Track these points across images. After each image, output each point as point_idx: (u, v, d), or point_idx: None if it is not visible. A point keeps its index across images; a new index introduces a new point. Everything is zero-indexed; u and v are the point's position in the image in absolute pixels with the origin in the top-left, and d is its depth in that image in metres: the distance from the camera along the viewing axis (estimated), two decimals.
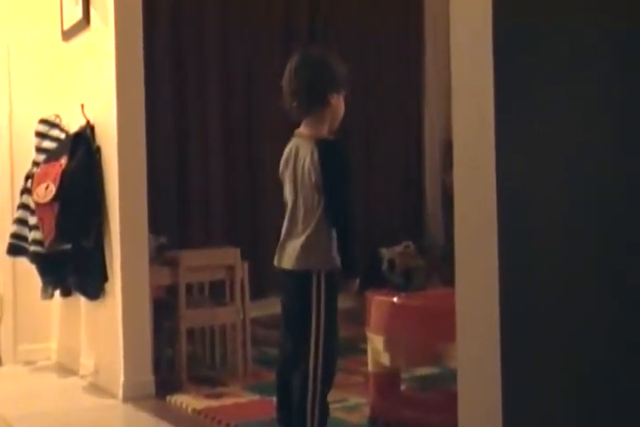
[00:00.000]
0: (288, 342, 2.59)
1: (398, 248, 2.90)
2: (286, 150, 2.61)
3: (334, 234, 2.47)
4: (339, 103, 2.51)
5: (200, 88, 5.36)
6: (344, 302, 5.64)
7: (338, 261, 2.49)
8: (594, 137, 1.79)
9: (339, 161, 2.46)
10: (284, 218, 2.59)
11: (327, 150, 2.44)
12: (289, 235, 2.54)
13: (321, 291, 2.45)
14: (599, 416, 1.77)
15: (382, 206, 6.06)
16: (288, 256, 2.52)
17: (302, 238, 2.47)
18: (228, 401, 3.48)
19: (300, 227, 2.49)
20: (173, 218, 5.12)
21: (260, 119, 5.42)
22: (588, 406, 1.75)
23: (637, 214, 1.83)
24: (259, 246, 5.17)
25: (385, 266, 2.92)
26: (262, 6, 5.57)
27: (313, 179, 2.45)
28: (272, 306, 5.11)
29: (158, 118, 5.04)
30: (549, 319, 1.69)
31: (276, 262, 2.59)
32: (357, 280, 2.59)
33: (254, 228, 5.40)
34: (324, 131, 2.52)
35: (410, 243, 3.00)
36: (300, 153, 2.51)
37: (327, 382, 2.51)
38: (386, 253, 2.83)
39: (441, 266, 3.23)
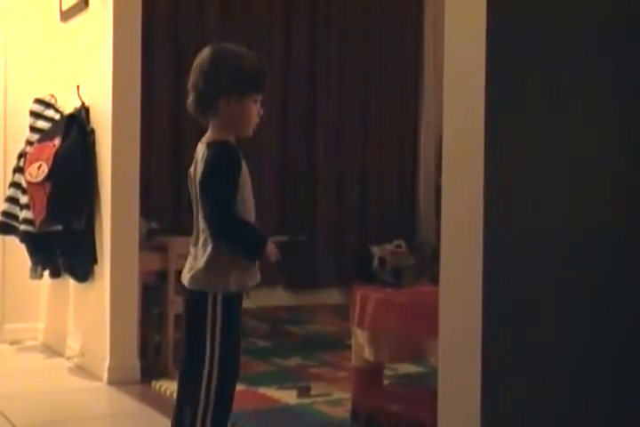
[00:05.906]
0: (185, 357, 2.29)
1: (389, 246, 2.90)
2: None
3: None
4: (236, 109, 2.17)
5: None
6: (332, 298, 5.68)
7: (244, 280, 2.19)
8: (587, 138, 1.79)
9: (216, 163, 2.13)
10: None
11: (212, 153, 2.14)
12: (192, 248, 2.24)
13: (217, 314, 2.14)
14: (579, 413, 1.79)
15: (376, 205, 6.04)
16: (185, 272, 2.24)
17: (200, 256, 2.17)
18: None
19: (200, 242, 2.18)
20: (165, 203, 5.10)
21: None
22: (568, 402, 1.77)
23: (629, 215, 1.84)
24: None
25: (375, 263, 2.92)
26: None
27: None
28: (262, 297, 5.13)
29: (154, 103, 5.02)
30: (532, 317, 1.70)
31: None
32: (270, 250, 2.20)
33: None
34: (223, 136, 2.21)
35: (401, 242, 3.00)
36: (198, 160, 2.23)
37: (221, 412, 2.18)
38: (377, 250, 2.83)
39: (432, 265, 3.23)
